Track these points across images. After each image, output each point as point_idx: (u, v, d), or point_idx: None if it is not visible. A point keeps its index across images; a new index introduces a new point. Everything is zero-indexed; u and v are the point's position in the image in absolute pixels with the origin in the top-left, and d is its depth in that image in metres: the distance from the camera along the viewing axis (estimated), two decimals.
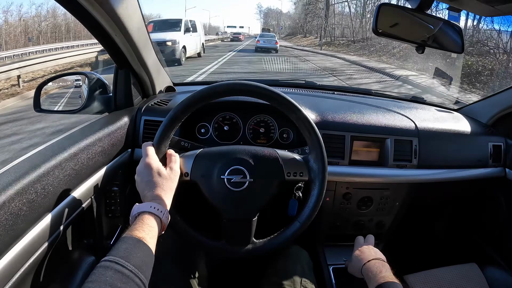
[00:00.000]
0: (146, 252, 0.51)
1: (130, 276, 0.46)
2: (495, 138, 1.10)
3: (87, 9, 0.69)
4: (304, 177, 0.73)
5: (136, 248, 0.50)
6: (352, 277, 0.81)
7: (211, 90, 0.69)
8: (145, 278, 0.48)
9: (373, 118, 1.02)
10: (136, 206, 0.58)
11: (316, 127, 0.71)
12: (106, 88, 1.01)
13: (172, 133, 0.70)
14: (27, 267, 0.54)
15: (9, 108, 5.72)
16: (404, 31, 0.81)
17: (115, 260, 0.46)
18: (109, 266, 0.46)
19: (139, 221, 0.55)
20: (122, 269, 0.46)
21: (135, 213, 0.57)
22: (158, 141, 0.68)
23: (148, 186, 0.62)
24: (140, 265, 0.48)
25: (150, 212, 0.57)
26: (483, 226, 1.25)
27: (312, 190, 0.72)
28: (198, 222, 0.75)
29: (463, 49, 0.84)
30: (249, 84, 0.69)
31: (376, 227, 1.10)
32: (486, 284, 0.98)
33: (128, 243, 0.50)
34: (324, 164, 0.71)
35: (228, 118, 1.03)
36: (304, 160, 0.74)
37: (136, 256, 0.49)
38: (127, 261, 0.47)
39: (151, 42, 0.96)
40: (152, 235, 0.54)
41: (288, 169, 0.72)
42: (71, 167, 0.67)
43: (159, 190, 0.62)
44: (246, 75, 8.79)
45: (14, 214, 0.52)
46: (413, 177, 1.00)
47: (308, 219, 0.72)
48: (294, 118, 0.71)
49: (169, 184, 0.64)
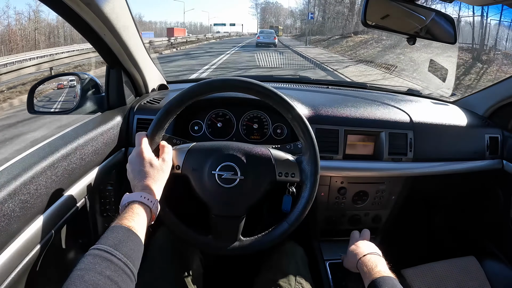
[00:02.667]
0: (135, 241, 0.51)
1: (119, 265, 0.46)
2: (491, 130, 1.09)
3: (74, 9, 0.68)
4: (296, 178, 0.72)
5: (125, 237, 0.50)
6: (349, 272, 0.80)
7: (208, 85, 0.69)
8: (134, 267, 0.48)
9: (367, 112, 1.01)
10: (126, 196, 0.58)
11: (311, 129, 0.70)
12: (98, 87, 1.01)
13: (167, 125, 0.69)
14: (22, 267, 0.54)
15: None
16: (395, 23, 0.80)
17: (104, 249, 0.46)
18: (98, 255, 0.45)
19: (129, 211, 0.55)
20: (111, 257, 0.46)
21: (124, 202, 0.57)
22: (152, 132, 0.68)
23: (139, 176, 0.62)
24: (129, 254, 0.48)
25: (140, 201, 0.57)
26: (481, 219, 1.25)
27: (302, 192, 0.72)
28: (186, 216, 0.75)
29: (456, 40, 0.83)
30: (246, 81, 0.69)
31: (373, 221, 1.09)
32: (485, 277, 0.97)
33: (117, 232, 0.50)
34: (317, 167, 0.71)
35: (221, 114, 1.02)
36: (297, 161, 0.73)
37: (125, 245, 0.48)
38: (116, 249, 0.47)
39: (142, 41, 0.96)
40: (142, 224, 0.54)
41: (280, 169, 0.71)
42: (64, 167, 0.67)
43: (150, 180, 0.61)
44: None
45: (7, 215, 0.52)
46: (408, 171, 1.00)
47: (296, 220, 0.72)
48: (289, 118, 0.71)
49: (160, 175, 0.64)
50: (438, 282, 0.95)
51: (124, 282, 0.45)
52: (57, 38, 25.63)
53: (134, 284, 0.47)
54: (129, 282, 0.46)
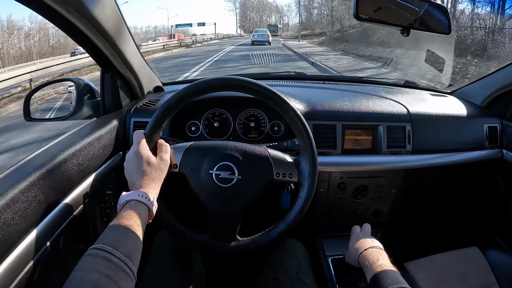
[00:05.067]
0: (133, 240, 0.51)
1: (118, 264, 0.45)
2: (490, 120, 1.08)
3: (64, 15, 0.68)
4: (293, 178, 0.72)
5: (124, 236, 0.50)
6: (351, 267, 0.80)
7: (207, 83, 0.68)
8: (134, 266, 0.48)
9: (364, 106, 1.01)
10: (124, 195, 0.58)
11: (310, 130, 0.70)
12: (94, 92, 1.01)
13: (165, 123, 0.69)
14: (24, 274, 0.54)
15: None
16: (388, 15, 0.80)
17: (102, 248, 0.46)
18: (97, 254, 0.45)
19: (127, 209, 0.54)
20: (110, 256, 0.45)
21: (122, 201, 0.57)
22: (150, 130, 0.67)
23: (136, 174, 0.62)
24: (128, 253, 0.48)
25: (138, 200, 0.56)
26: (482, 209, 1.24)
27: (300, 192, 0.71)
28: (183, 214, 0.75)
29: (450, 30, 0.83)
30: (246, 81, 0.68)
31: (374, 216, 1.09)
32: (488, 267, 0.97)
33: (116, 231, 0.50)
34: (315, 168, 0.70)
35: (217, 114, 1.02)
36: (295, 162, 0.72)
37: (123, 244, 0.48)
38: (115, 248, 0.46)
39: (135, 43, 0.96)
40: (140, 223, 0.54)
41: (277, 170, 0.71)
42: (61, 174, 0.66)
43: (148, 179, 0.61)
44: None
45: (7, 224, 0.52)
46: (408, 163, 0.99)
47: (293, 221, 0.71)
48: (288, 118, 0.70)
49: (157, 173, 0.63)
50: (441, 274, 0.94)
51: (124, 281, 0.44)
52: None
53: (134, 283, 0.47)
54: (129, 281, 0.46)
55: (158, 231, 0.86)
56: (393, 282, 0.61)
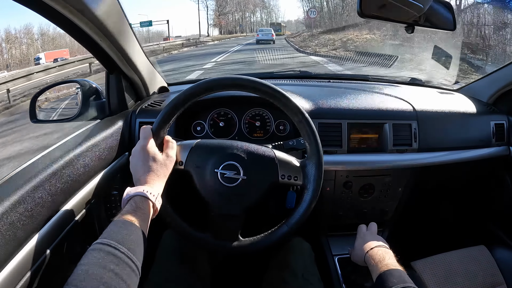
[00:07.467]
0: (138, 235, 0.50)
1: (123, 258, 0.45)
2: (497, 117, 1.07)
3: (68, 17, 0.68)
4: (299, 181, 0.71)
5: (128, 231, 0.49)
6: (358, 266, 0.80)
7: (216, 82, 0.69)
8: (138, 261, 0.47)
9: (370, 104, 1.00)
10: (128, 190, 0.58)
11: (317, 134, 0.70)
12: (99, 93, 1.01)
13: (172, 120, 0.69)
14: (31, 273, 0.55)
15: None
16: (393, 12, 0.79)
17: (107, 243, 0.46)
18: (101, 249, 0.45)
19: (132, 205, 0.54)
20: (115, 251, 0.45)
21: (127, 196, 0.57)
22: (157, 126, 0.68)
23: (142, 170, 0.62)
24: (133, 248, 0.47)
25: (143, 195, 0.56)
26: (490, 207, 1.23)
27: (304, 195, 0.71)
28: (186, 212, 0.75)
29: (455, 26, 0.82)
30: (256, 81, 0.68)
31: (380, 215, 1.08)
32: (496, 266, 0.96)
33: (120, 226, 0.50)
34: (320, 172, 0.70)
35: (223, 114, 1.02)
36: (301, 165, 0.72)
37: (128, 238, 0.48)
38: (119, 243, 0.46)
39: (139, 44, 0.96)
40: (144, 218, 0.54)
41: (283, 172, 0.71)
42: (68, 175, 0.67)
43: (153, 175, 0.61)
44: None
45: (14, 224, 0.52)
46: (414, 161, 0.98)
47: (296, 224, 0.71)
48: (296, 121, 0.70)
49: (163, 170, 0.63)
50: (448, 273, 0.93)
51: (128, 276, 0.44)
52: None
53: (138, 278, 0.47)
54: (133, 276, 0.45)
55: (164, 231, 0.87)
56: (399, 281, 0.61)
